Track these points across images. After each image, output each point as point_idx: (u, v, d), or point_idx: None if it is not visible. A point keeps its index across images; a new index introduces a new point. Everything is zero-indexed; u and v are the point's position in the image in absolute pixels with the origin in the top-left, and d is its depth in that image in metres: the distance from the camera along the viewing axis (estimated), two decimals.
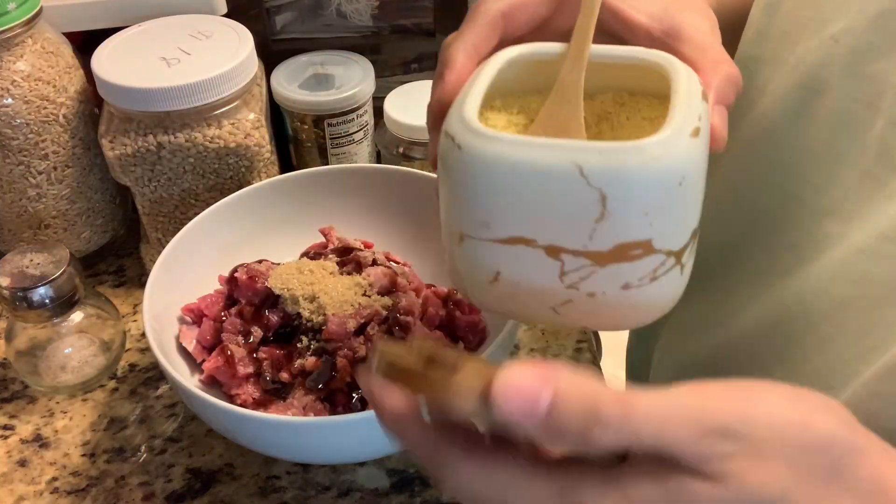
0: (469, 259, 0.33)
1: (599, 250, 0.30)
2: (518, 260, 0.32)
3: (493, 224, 0.31)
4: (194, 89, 0.54)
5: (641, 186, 0.29)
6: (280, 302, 0.52)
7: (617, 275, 0.31)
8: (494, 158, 0.31)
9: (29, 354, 0.56)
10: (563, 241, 0.31)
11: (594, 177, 0.29)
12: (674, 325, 0.54)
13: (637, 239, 0.30)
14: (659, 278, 0.32)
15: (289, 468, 0.52)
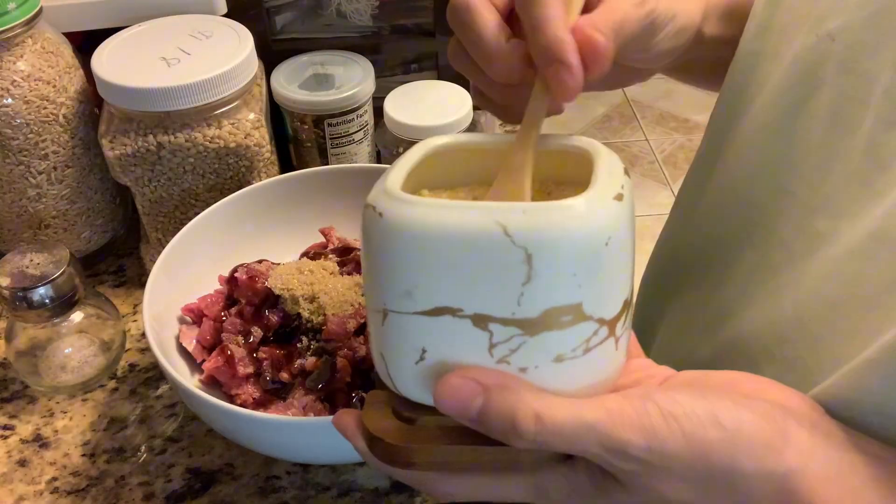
0: (393, 338, 0.32)
1: (528, 317, 0.29)
2: (444, 333, 0.30)
3: (417, 294, 0.30)
4: (194, 89, 0.54)
5: (568, 245, 0.29)
6: (280, 302, 0.52)
7: (548, 345, 0.30)
8: (417, 222, 0.30)
9: (29, 354, 0.56)
10: (490, 309, 0.30)
11: (519, 236, 0.29)
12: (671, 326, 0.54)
13: (566, 303, 0.29)
14: (592, 350, 0.31)
15: (289, 468, 0.52)
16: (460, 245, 0.29)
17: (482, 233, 0.29)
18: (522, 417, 0.29)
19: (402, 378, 0.32)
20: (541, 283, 0.29)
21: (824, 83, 0.39)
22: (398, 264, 0.31)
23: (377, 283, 0.32)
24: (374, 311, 0.32)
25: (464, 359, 0.31)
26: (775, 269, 0.42)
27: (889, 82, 0.36)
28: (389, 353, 0.32)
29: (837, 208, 0.38)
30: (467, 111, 0.64)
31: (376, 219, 0.31)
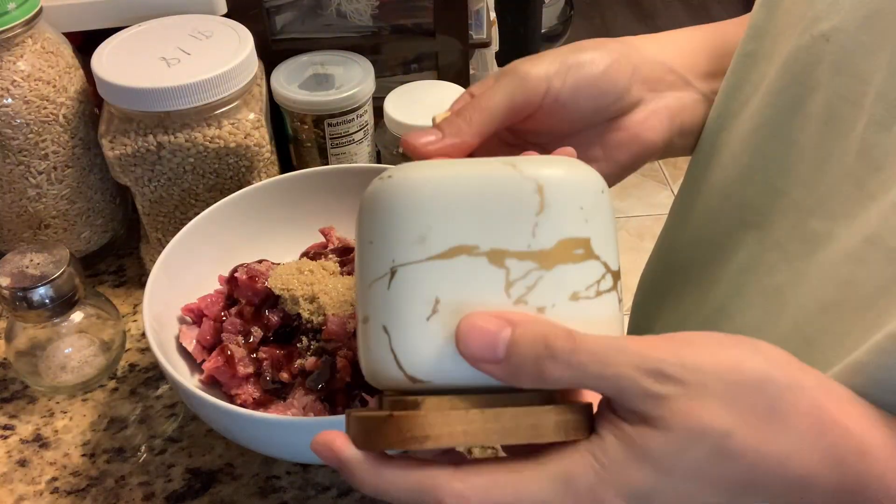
0: (402, 296, 0.30)
1: (543, 248, 0.30)
2: (460, 276, 0.30)
3: (431, 237, 0.30)
4: (194, 89, 0.54)
5: (572, 180, 0.32)
6: (280, 302, 0.52)
7: (564, 280, 0.30)
8: (428, 172, 0.31)
9: (29, 354, 0.56)
10: (506, 243, 0.30)
11: (530, 172, 0.31)
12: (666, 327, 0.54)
13: (577, 235, 0.31)
14: (603, 295, 0.31)
15: (289, 468, 0.52)
16: (474, 184, 0.31)
17: (494, 171, 0.31)
18: (555, 336, 0.29)
19: (411, 344, 0.30)
20: (553, 212, 0.30)
21: (819, 84, 0.39)
22: (411, 212, 0.31)
23: (383, 243, 0.31)
24: (376, 282, 0.31)
25: (480, 301, 0.30)
26: (771, 269, 0.42)
27: (882, 84, 0.36)
28: (396, 318, 0.31)
29: (832, 209, 0.38)
30: None
31: (385, 181, 0.32)
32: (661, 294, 0.55)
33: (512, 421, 0.29)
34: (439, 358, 0.30)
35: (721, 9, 2.75)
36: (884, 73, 0.36)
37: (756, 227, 0.44)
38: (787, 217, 0.42)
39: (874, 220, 0.35)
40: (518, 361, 0.29)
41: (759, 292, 0.43)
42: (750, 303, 0.44)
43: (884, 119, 0.36)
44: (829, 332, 0.37)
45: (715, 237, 0.47)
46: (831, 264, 0.37)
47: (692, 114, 0.48)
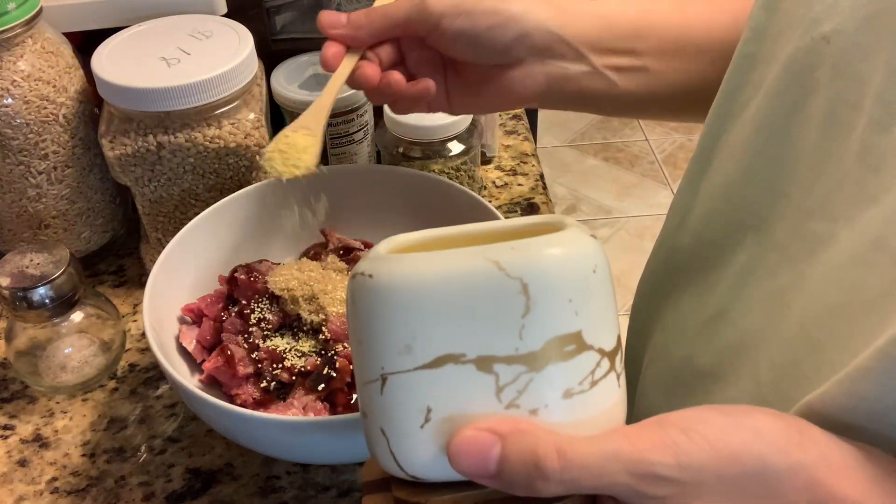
0: (394, 403, 0.30)
1: (532, 350, 0.29)
2: (449, 384, 0.29)
3: (417, 347, 0.29)
4: (194, 89, 0.54)
5: (559, 271, 0.30)
6: (280, 302, 0.52)
7: (555, 379, 0.29)
8: (408, 273, 0.30)
9: (29, 354, 0.56)
10: (493, 349, 0.29)
11: (512, 268, 0.29)
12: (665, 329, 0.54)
13: (567, 331, 0.29)
14: (598, 384, 0.30)
15: (289, 468, 0.52)
16: (455, 287, 0.29)
17: (476, 272, 0.29)
18: (544, 455, 0.28)
19: (407, 449, 0.31)
20: (540, 313, 0.29)
21: (819, 86, 0.39)
22: (394, 320, 0.30)
23: (372, 348, 0.31)
24: (369, 383, 0.31)
25: (472, 409, 0.30)
26: (772, 271, 0.42)
27: (881, 85, 0.36)
28: (391, 424, 0.31)
29: (832, 211, 0.38)
30: None
31: (366, 282, 0.30)
32: (660, 296, 0.54)
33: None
34: (437, 462, 0.30)
35: None
36: (882, 74, 0.36)
37: (756, 228, 0.44)
38: (787, 218, 0.41)
39: (878, 223, 0.35)
40: (510, 478, 0.29)
41: (761, 295, 0.43)
42: (751, 305, 0.44)
43: (883, 120, 0.35)
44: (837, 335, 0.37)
45: (715, 238, 0.47)
46: (835, 267, 0.37)
47: (575, 84, 0.52)
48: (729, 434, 0.29)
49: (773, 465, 0.29)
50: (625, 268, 2.09)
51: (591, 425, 0.30)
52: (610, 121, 2.44)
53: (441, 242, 0.35)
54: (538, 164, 0.77)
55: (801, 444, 0.30)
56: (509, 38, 0.50)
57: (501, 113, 0.81)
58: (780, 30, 0.43)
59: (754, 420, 0.30)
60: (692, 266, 0.50)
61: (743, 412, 0.31)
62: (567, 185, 2.21)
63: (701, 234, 0.49)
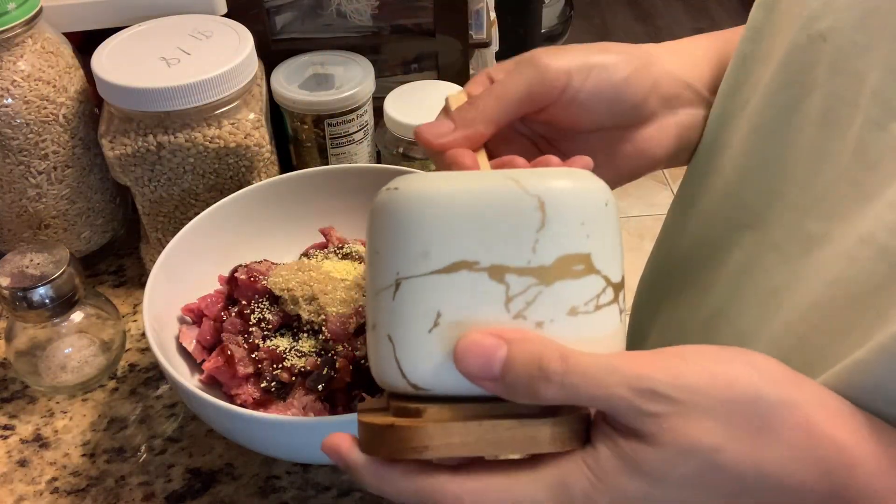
0: (406, 307, 0.31)
1: (543, 264, 0.30)
2: (461, 290, 0.31)
3: (434, 252, 0.31)
4: (194, 89, 0.54)
5: (574, 195, 0.32)
6: (280, 302, 0.52)
7: (563, 295, 0.31)
8: (432, 186, 0.31)
9: (29, 354, 0.56)
10: (506, 259, 0.30)
11: (532, 187, 0.31)
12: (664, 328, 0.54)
13: (578, 251, 0.31)
14: (602, 309, 0.32)
15: (289, 468, 0.52)
16: (476, 199, 0.31)
17: (497, 187, 0.31)
18: (549, 358, 0.29)
19: (413, 354, 0.31)
20: (554, 229, 0.31)
21: (816, 84, 0.39)
22: (415, 227, 0.31)
23: (389, 254, 0.32)
24: (382, 291, 0.32)
25: (480, 316, 0.31)
26: (768, 271, 0.42)
27: (877, 83, 0.36)
28: (399, 328, 0.32)
29: (828, 210, 0.38)
30: None
31: (392, 193, 0.32)
32: (659, 295, 0.54)
33: (508, 433, 0.30)
34: (440, 369, 0.31)
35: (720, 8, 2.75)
36: (879, 72, 0.36)
37: (753, 228, 0.44)
38: (784, 218, 0.42)
39: (868, 219, 0.35)
40: (513, 380, 0.29)
41: (756, 294, 0.43)
42: (748, 305, 0.44)
43: (879, 118, 0.36)
44: (822, 331, 0.37)
45: (713, 238, 0.47)
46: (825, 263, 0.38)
47: (701, 129, 0.48)
48: (726, 364, 0.30)
49: (766, 396, 0.30)
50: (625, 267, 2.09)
51: (593, 347, 0.31)
52: None
53: None
54: None
55: (797, 383, 0.31)
56: (646, 87, 0.44)
57: None
58: (777, 28, 0.43)
59: (750, 356, 0.31)
60: (691, 266, 0.50)
61: (740, 350, 0.31)
62: None
63: (700, 233, 0.49)
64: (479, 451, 0.30)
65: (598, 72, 0.42)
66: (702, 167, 0.48)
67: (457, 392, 0.31)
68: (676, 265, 0.52)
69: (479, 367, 0.30)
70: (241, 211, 0.57)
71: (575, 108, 0.43)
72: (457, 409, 0.31)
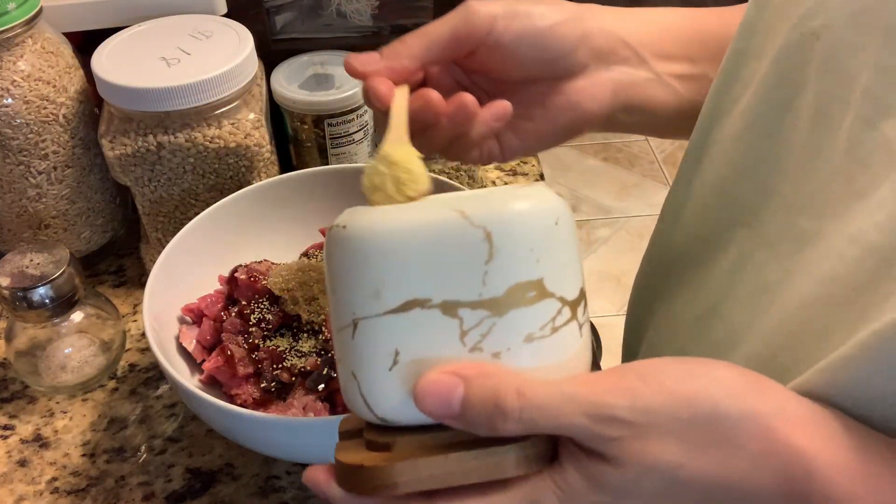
0: (364, 347, 0.32)
1: (494, 296, 0.30)
2: (415, 328, 0.31)
3: (385, 292, 0.31)
4: (194, 89, 0.54)
5: (523, 220, 0.31)
6: (280, 302, 0.52)
7: (517, 323, 0.31)
8: (378, 222, 0.31)
9: (29, 354, 0.56)
10: (458, 294, 0.30)
11: (477, 217, 0.31)
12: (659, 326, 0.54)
13: (529, 278, 0.31)
14: (559, 330, 0.31)
15: (289, 468, 0.52)
16: (422, 235, 0.31)
17: (442, 220, 0.31)
18: (505, 395, 0.30)
19: (377, 392, 0.32)
20: (503, 259, 0.30)
21: (808, 82, 0.39)
22: (364, 267, 0.31)
23: (345, 294, 0.32)
24: (342, 329, 0.32)
25: (437, 352, 0.31)
26: (761, 269, 0.42)
27: (869, 81, 0.36)
28: (361, 367, 0.32)
29: (821, 208, 0.38)
30: None
31: (340, 232, 0.32)
32: (654, 293, 0.55)
33: (475, 461, 0.31)
34: (405, 404, 0.32)
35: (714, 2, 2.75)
36: (870, 70, 0.36)
37: (746, 225, 0.44)
38: (776, 215, 0.42)
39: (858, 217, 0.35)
40: (472, 418, 0.30)
41: (749, 291, 0.43)
42: (740, 301, 0.44)
43: (870, 116, 0.36)
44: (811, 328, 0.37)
45: (706, 235, 0.47)
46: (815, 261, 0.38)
47: (641, 92, 0.48)
48: (685, 380, 0.31)
49: (725, 410, 0.30)
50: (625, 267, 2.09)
51: (553, 371, 0.32)
52: None
53: None
54: (538, 164, 0.77)
55: (759, 393, 0.31)
56: (574, 38, 0.45)
57: None
58: (770, 25, 0.43)
59: (711, 369, 0.31)
60: (685, 262, 0.50)
61: (702, 363, 0.32)
62: (567, 185, 2.21)
63: (693, 230, 0.49)
64: (448, 482, 0.31)
65: (523, 18, 0.43)
66: (694, 163, 0.49)
67: (424, 422, 0.32)
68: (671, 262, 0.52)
69: (438, 406, 0.30)
70: (241, 211, 0.57)
71: (500, 53, 0.44)
72: (425, 439, 0.32)
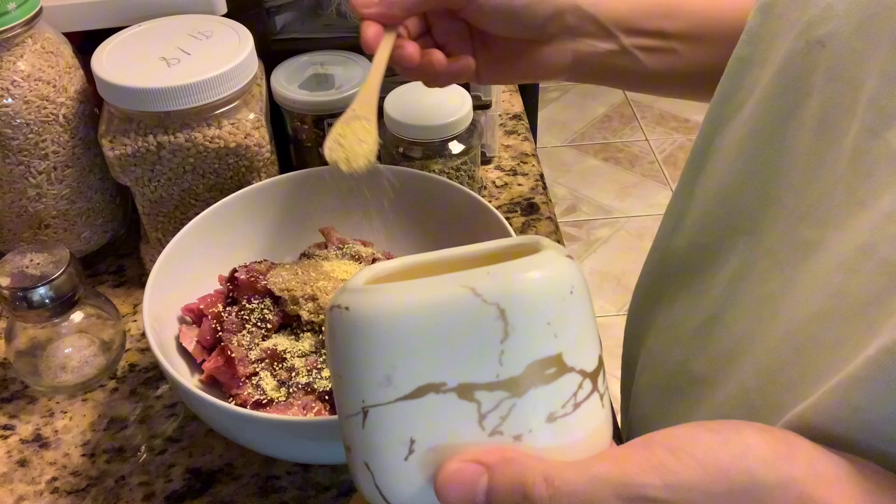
0: (377, 437, 0.30)
1: (513, 376, 0.29)
2: (431, 415, 0.29)
3: (397, 378, 0.29)
4: (194, 89, 0.54)
5: (536, 294, 0.29)
6: (280, 302, 0.52)
7: (538, 403, 0.29)
8: (385, 304, 0.30)
9: (29, 354, 0.56)
10: (474, 376, 0.29)
11: (489, 294, 0.29)
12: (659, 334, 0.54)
13: (547, 354, 0.29)
14: (581, 405, 0.30)
15: (289, 468, 0.52)
16: (433, 316, 0.29)
17: (452, 299, 0.29)
18: (532, 484, 0.28)
19: (393, 483, 0.30)
20: (519, 337, 0.29)
21: (813, 90, 0.39)
22: (372, 352, 0.29)
23: (352, 381, 0.30)
24: (351, 417, 0.31)
25: (455, 439, 0.29)
26: (763, 277, 0.42)
27: (874, 90, 0.36)
28: (375, 458, 0.30)
29: (823, 217, 0.38)
30: (467, 111, 0.64)
31: (343, 314, 0.30)
32: (654, 300, 0.54)
33: None
34: (423, 494, 0.30)
35: None
36: (876, 79, 0.36)
37: (748, 233, 0.44)
38: (779, 224, 0.41)
39: (866, 229, 0.35)
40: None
41: (752, 300, 0.43)
42: (743, 310, 0.44)
43: (875, 126, 0.35)
44: (820, 342, 0.37)
45: (708, 243, 0.47)
46: (822, 273, 0.37)
47: (603, 61, 0.54)
48: (717, 451, 0.29)
49: (762, 481, 0.29)
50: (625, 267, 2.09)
51: (577, 448, 0.30)
52: (610, 120, 2.44)
53: (420, 269, 0.34)
54: (538, 164, 0.77)
55: (791, 458, 0.30)
56: (544, 16, 0.51)
57: (501, 112, 0.81)
58: (774, 33, 0.43)
59: (742, 436, 0.30)
60: (686, 270, 0.50)
61: (731, 428, 0.31)
62: (567, 185, 2.21)
63: (695, 238, 0.49)
64: None
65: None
66: (697, 170, 0.48)
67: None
68: (672, 269, 0.52)
69: (462, 499, 0.29)
70: (241, 211, 0.57)
71: (481, 17, 0.51)
72: None
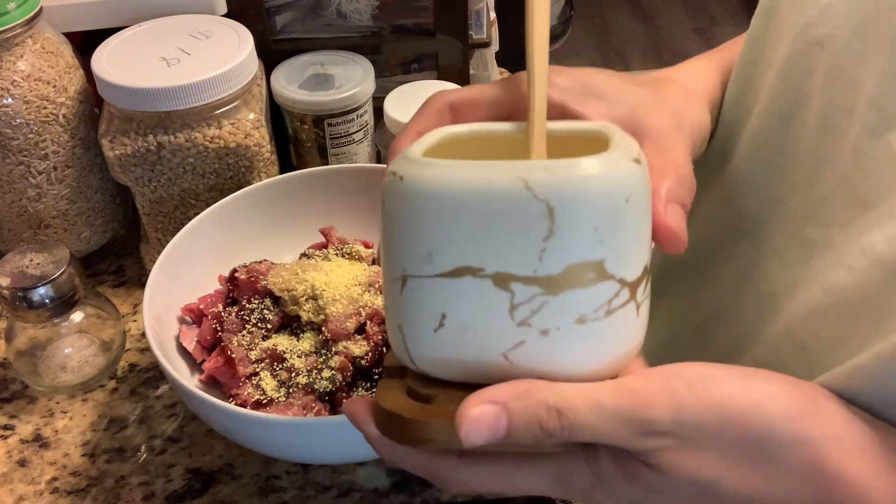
0: (412, 305, 0.31)
1: (550, 274, 0.29)
2: (465, 296, 0.30)
3: (438, 255, 0.30)
4: (194, 89, 0.54)
5: (589, 198, 0.29)
6: (280, 302, 0.52)
7: (570, 304, 0.29)
8: (437, 181, 0.30)
9: (29, 354, 0.56)
10: (512, 267, 0.29)
11: (541, 190, 0.28)
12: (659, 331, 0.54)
13: (589, 259, 0.29)
14: (614, 312, 0.30)
15: (289, 468, 0.52)
16: (481, 202, 0.29)
17: (503, 188, 0.29)
18: (547, 420, 0.29)
19: (421, 349, 0.31)
20: (563, 238, 0.29)
21: (813, 92, 0.39)
22: (418, 226, 0.30)
23: (397, 248, 0.31)
24: (392, 280, 0.32)
25: (484, 322, 0.30)
26: (767, 277, 0.42)
27: (874, 91, 0.36)
28: (408, 323, 0.31)
29: (827, 217, 0.38)
30: None
31: (397, 183, 0.31)
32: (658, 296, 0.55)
33: None
34: (448, 363, 0.31)
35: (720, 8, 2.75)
36: (876, 80, 0.36)
37: (753, 234, 0.44)
38: (783, 225, 0.42)
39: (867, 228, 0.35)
40: (518, 439, 0.30)
41: (755, 299, 0.43)
42: (745, 309, 0.44)
43: (876, 126, 0.36)
44: (820, 337, 0.37)
45: (713, 243, 0.47)
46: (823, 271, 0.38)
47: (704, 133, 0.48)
48: (738, 394, 0.30)
49: (778, 433, 0.29)
50: None
51: (602, 352, 0.30)
52: None
53: (483, 141, 0.35)
54: None
55: (814, 416, 0.30)
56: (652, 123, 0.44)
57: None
58: (776, 35, 0.43)
59: (769, 385, 0.30)
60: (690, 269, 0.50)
61: (759, 375, 0.31)
62: None
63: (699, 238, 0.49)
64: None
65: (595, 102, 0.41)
66: (707, 173, 0.49)
67: (466, 380, 0.31)
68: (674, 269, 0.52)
69: (485, 438, 0.30)
70: (241, 211, 0.57)
71: None
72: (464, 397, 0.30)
